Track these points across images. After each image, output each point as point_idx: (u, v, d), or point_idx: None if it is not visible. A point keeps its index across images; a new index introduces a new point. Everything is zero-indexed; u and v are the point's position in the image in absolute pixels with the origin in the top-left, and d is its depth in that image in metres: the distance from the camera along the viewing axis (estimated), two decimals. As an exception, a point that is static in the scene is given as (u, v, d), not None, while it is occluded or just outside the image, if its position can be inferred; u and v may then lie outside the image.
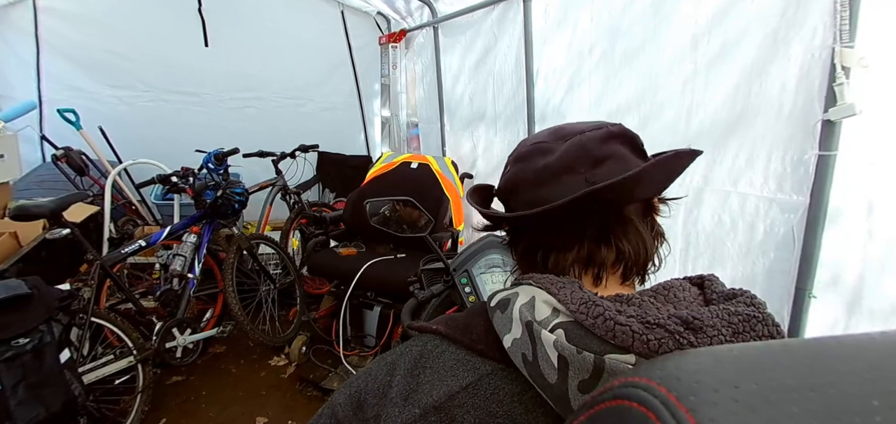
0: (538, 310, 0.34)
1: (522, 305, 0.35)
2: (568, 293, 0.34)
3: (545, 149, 0.42)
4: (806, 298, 1.02)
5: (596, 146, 0.40)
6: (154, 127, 2.69)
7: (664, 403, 0.17)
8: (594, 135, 0.41)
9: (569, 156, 0.40)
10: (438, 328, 0.41)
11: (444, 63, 2.60)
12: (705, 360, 0.19)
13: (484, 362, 0.37)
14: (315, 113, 3.18)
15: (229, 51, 2.81)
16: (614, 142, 0.41)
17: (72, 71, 2.51)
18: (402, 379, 0.39)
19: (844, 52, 0.96)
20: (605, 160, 0.40)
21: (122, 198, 2.35)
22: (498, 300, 0.39)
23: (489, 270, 1.04)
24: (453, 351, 0.39)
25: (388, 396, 0.39)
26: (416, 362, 0.40)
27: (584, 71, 1.65)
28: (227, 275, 1.96)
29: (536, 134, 0.45)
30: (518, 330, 0.35)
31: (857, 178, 0.96)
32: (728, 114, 1.20)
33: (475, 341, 0.39)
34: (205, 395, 1.91)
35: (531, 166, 0.42)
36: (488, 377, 0.36)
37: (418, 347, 0.41)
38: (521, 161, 0.43)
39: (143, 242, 1.80)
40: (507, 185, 0.45)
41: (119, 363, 1.63)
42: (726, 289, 0.36)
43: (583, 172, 0.40)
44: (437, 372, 0.38)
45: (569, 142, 0.41)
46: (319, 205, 2.94)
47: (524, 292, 0.37)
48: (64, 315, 1.45)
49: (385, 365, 0.42)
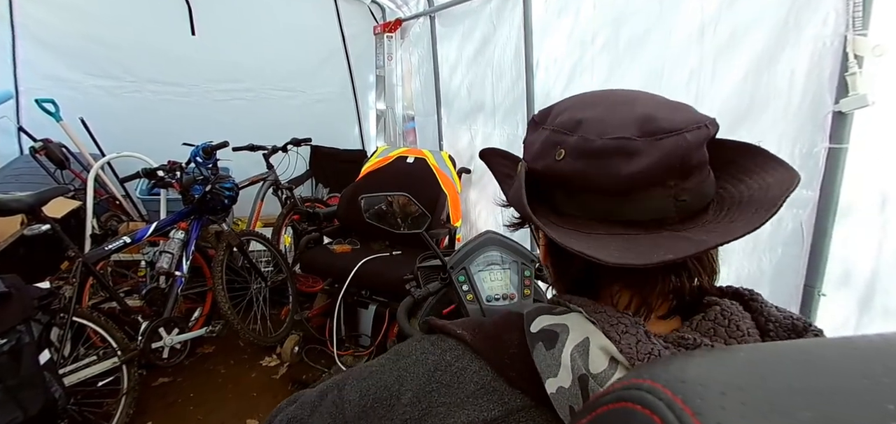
0: (593, 360, 0.29)
1: (574, 347, 0.30)
2: (632, 341, 0.29)
3: (630, 150, 0.32)
4: (815, 296, 1.00)
5: (693, 152, 0.32)
6: (139, 119, 2.60)
7: (669, 406, 0.17)
8: (696, 138, 0.32)
9: (662, 165, 0.32)
10: (463, 334, 0.36)
11: (441, 53, 2.55)
12: (711, 363, 0.19)
13: (514, 394, 0.32)
14: (307, 105, 3.12)
15: (217, 40, 2.73)
16: (705, 148, 0.34)
17: (50, 59, 2.41)
18: (412, 396, 0.35)
19: (857, 40, 0.93)
20: (695, 170, 0.33)
21: (106, 192, 2.29)
22: (542, 328, 0.33)
23: (488, 268, 1.01)
24: (477, 370, 0.34)
25: (395, 410, 0.35)
26: (430, 375, 0.35)
27: (586, 60, 1.61)
28: (217, 273, 1.92)
29: (609, 114, 0.34)
30: (567, 378, 0.30)
31: (869, 172, 0.93)
32: (736, 105, 1.17)
33: (506, 364, 0.33)
34: (193, 397, 1.86)
35: (609, 171, 0.32)
36: (518, 414, 0.32)
37: (435, 356, 0.36)
38: (593, 158, 0.33)
39: (127, 239, 1.77)
40: (567, 180, 0.35)
41: (102, 364, 1.59)
42: (780, 317, 0.32)
43: (673, 186, 0.32)
44: (456, 395, 0.33)
45: (664, 146, 0.32)
46: (312, 201, 2.90)
47: (575, 327, 0.31)
48: (43, 314, 1.42)
49: (395, 370, 0.37)
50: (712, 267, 0.35)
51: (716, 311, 0.33)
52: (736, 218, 0.33)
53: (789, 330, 0.31)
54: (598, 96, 0.38)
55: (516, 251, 0.91)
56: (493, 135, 2.23)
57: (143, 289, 1.83)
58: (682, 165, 0.32)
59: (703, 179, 0.34)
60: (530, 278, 0.87)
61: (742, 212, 0.33)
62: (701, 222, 0.34)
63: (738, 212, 0.33)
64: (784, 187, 0.33)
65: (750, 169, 0.36)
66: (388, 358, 0.39)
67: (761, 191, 0.34)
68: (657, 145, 0.32)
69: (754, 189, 0.34)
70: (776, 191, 0.33)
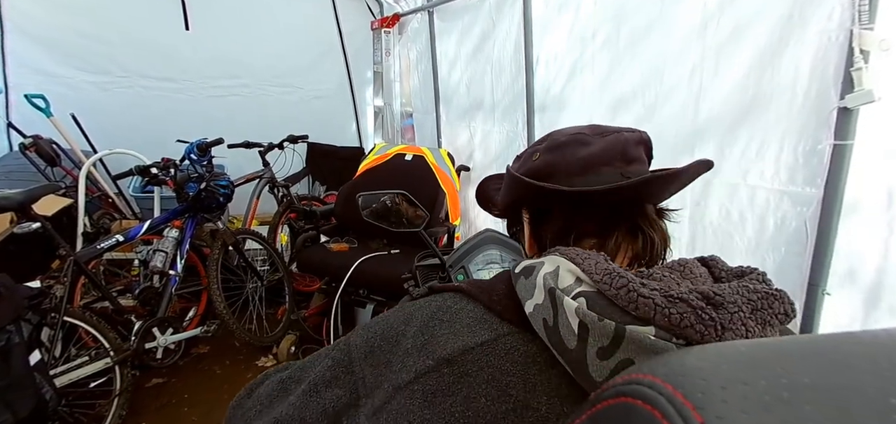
0: (562, 278, 0.35)
1: (547, 273, 0.36)
2: (592, 264, 0.35)
3: (584, 141, 0.46)
4: (819, 295, 0.98)
5: (631, 147, 0.45)
6: (131, 115, 2.57)
7: (670, 400, 0.17)
8: (631, 136, 0.46)
9: (608, 150, 0.44)
10: (461, 286, 0.43)
11: (440, 49, 2.52)
12: (712, 357, 0.19)
13: (502, 323, 0.38)
14: (304, 101, 3.09)
15: (212, 34, 2.69)
16: (641, 147, 0.46)
17: (40, 54, 2.37)
18: (417, 331, 0.39)
19: (863, 35, 0.91)
20: (634, 161, 0.45)
21: (98, 190, 2.26)
22: (523, 267, 0.40)
23: (487, 266, 1.00)
24: (472, 309, 0.40)
25: (400, 345, 0.39)
26: (433, 315, 0.40)
27: (587, 57, 1.60)
28: (212, 272, 1.90)
29: (568, 127, 0.49)
30: (541, 296, 0.35)
31: (875, 169, 0.92)
32: (738, 101, 1.15)
33: (495, 301, 0.39)
34: (187, 398, 1.84)
35: (571, 154, 0.45)
36: (505, 337, 0.37)
37: (437, 302, 0.42)
38: (559, 150, 0.46)
39: (120, 237, 1.75)
40: (544, 169, 0.47)
41: (95, 365, 1.57)
42: (734, 268, 0.38)
43: (618, 167, 0.44)
44: (454, 327, 0.38)
45: (608, 138, 0.45)
46: (309, 199, 2.87)
47: (550, 261, 0.38)
48: (34, 314, 1.41)
49: (402, 315, 0.42)
50: (663, 231, 0.46)
51: (674, 261, 0.39)
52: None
53: (737, 274, 0.37)
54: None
55: (516, 249, 0.90)
56: (492, 133, 2.21)
57: (137, 289, 1.80)
58: (623, 151, 0.44)
59: (643, 170, 0.45)
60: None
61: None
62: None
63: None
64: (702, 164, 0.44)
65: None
66: (395, 310, 0.45)
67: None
68: (602, 139, 0.45)
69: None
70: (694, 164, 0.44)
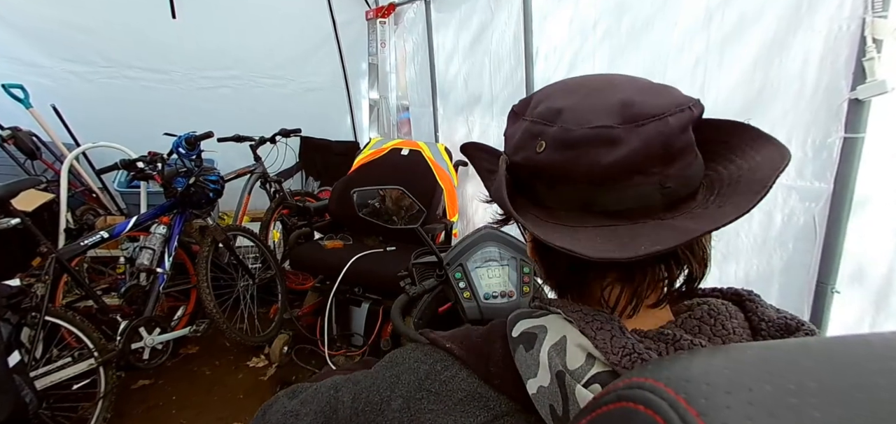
0: (570, 357, 0.30)
1: (551, 347, 0.31)
2: (607, 337, 0.29)
3: (611, 139, 0.31)
4: (828, 293, 0.97)
5: (675, 137, 0.31)
6: (116, 107, 2.47)
7: (672, 406, 0.16)
8: (679, 122, 0.31)
9: (642, 151, 0.31)
10: (452, 347, 0.37)
11: (437, 41, 2.47)
12: (717, 361, 0.18)
13: (500, 399, 0.34)
14: (297, 94, 3.02)
15: (201, 24, 2.60)
16: (689, 131, 0.33)
17: (17, 41, 2.26)
18: (402, 402, 0.36)
19: (876, 23, 0.89)
20: (679, 155, 0.32)
21: (81, 184, 2.18)
22: (521, 331, 0.34)
23: (485, 264, 0.97)
24: (465, 379, 0.35)
25: (385, 415, 0.36)
26: (421, 383, 0.36)
27: (587, 48, 1.57)
28: (201, 270, 1.86)
29: (589, 102, 0.33)
30: (546, 377, 0.30)
31: (887, 163, 0.90)
32: (744, 94, 1.13)
33: (492, 374, 0.35)
34: (175, 400, 1.80)
35: (590, 160, 0.32)
36: (504, 418, 0.33)
37: (426, 365, 0.38)
38: (573, 148, 0.32)
39: (105, 233, 1.69)
40: (547, 172, 0.34)
41: (78, 366, 1.52)
42: (775, 317, 0.32)
43: (657, 173, 0.32)
44: (444, 402, 0.34)
45: (645, 133, 0.31)
46: (302, 195, 2.82)
47: (553, 327, 0.32)
48: (13, 314, 1.36)
49: (388, 376, 0.39)
50: (703, 255, 0.34)
51: (703, 309, 0.33)
52: (724, 202, 0.32)
53: (782, 330, 0.31)
54: (577, 82, 0.37)
55: (515, 247, 0.87)
56: (491, 127, 2.17)
57: (122, 287, 1.75)
58: (665, 151, 0.31)
59: (689, 164, 0.33)
60: (530, 275, 0.84)
61: (731, 195, 0.32)
62: (688, 209, 0.33)
63: (727, 196, 0.32)
64: (774, 166, 0.31)
65: (739, 147, 0.35)
66: (383, 365, 0.41)
67: (750, 172, 0.33)
68: (638, 132, 0.31)
69: (744, 169, 0.33)
70: (766, 170, 0.31)
